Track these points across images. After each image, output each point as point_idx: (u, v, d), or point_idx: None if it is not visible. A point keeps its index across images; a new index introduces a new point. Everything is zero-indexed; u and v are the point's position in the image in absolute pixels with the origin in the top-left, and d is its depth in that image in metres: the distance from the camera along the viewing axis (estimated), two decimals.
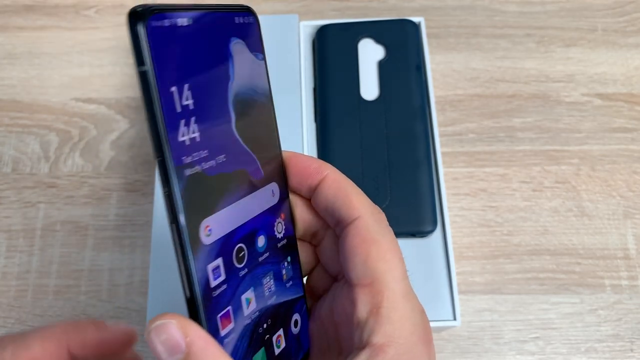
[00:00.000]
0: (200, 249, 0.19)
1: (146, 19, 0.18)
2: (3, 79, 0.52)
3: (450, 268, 0.39)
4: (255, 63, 0.22)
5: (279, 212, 0.23)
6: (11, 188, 0.48)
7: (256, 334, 0.22)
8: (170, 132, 0.18)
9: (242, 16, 0.22)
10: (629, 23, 0.54)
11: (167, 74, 0.18)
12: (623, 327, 0.44)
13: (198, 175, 0.19)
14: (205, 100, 0.20)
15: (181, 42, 0.19)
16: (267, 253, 0.23)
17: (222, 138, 0.20)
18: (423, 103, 0.43)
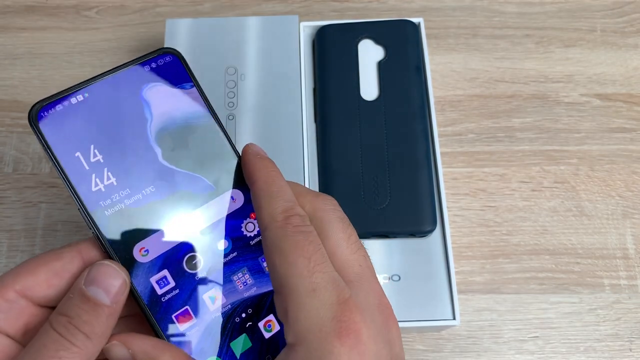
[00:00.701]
0: (137, 268, 0.24)
1: (35, 112, 0.24)
2: (4, 79, 0.52)
3: (450, 268, 0.39)
4: (181, 95, 0.26)
5: (246, 214, 0.26)
6: (12, 188, 0.48)
7: (232, 323, 0.25)
8: (79, 187, 0.24)
9: (157, 60, 0.26)
10: (628, 24, 0.54)
11: (67, 146, 0.24)
12: (622, 327, 0.44)
13: (122, 211, 0.24)
14: (117, 150, 0.25)
15: (79, 114, 0.24)
16: (235, 253, 0.26)
17: (147, 172, 0.25)
18: (423, 103, 0.43)
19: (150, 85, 0.25)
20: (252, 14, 0.54)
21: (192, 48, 0.45)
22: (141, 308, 0.24)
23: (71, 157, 0.24)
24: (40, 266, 0.24)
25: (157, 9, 0.55)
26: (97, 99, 0.25)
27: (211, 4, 0.55)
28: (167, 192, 0.25)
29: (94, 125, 0.24)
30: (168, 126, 0.26)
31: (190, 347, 0.25)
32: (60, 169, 0.24)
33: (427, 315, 0.38)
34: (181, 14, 0.55)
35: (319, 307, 0.21)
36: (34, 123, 0.24)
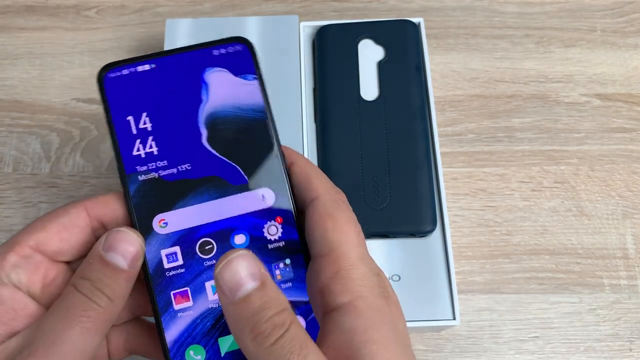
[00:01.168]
0: (152, 237, 0.25)
1: (102, 73, 0.26)
2: (4, 79, 0.52)
3: (450, 268, 0.39)
4: (241, 84, 0.26)
5: (272, 216, 0.26)
6: (12, 188, 0.48)
7: (225, 320, 0.24)
8: (123, 148, 0.25)
9: (227, 47, 0.26)
10: (628, 24, 0.54)
11: (122, 108, 0.25)
12: (622, 327, 0.44)
13: (154, 180, 0.25)
14: (166, 123, 0.26)
15: (141, 82, 0.26)
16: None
17: (188, 150, 0.26)
18: (423, 103, 0.43)
19: (213, 69, 0.26)
20: (252, 14, 0.54)
21: None
22: (145, 275, 0.25)
23: (123, 119, 0.25)
24: (49, 222, 0.25)
25: (157, 9, 0.55)
26: (161, 72, 0.26)
27: (211, 4, 0.55)
28: (200, 174, 0.26)
29: (151, 95, 0.26)
30: (220, 111, 0.26)
31: (179, 328, 0.25)
32: (111, 127, 0.25)
33: (427, 315, 0.38)
34: (181, 14, 0.55)
35: (367, 272, 0.23)
36: (100, 80, 0.25)
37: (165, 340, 0.25)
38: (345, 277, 0.22)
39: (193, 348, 0.25)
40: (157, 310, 0.25)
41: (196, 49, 0.26)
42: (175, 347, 0.25)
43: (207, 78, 0.26)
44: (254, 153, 0.26)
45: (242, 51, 0.26)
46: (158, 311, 0.25)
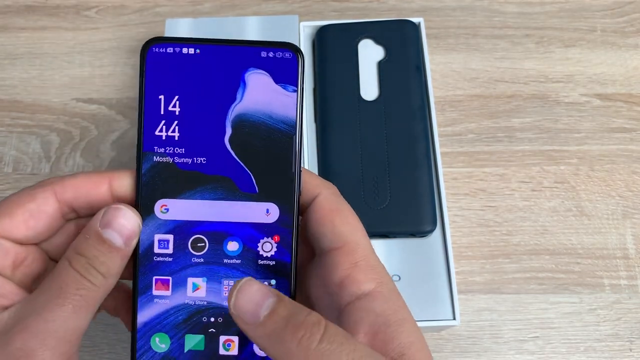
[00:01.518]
0: (151, 219, 0.25)
1: (148, 45, 0.25)
2: (4, 79, 0.52)
3: (450, 268, 0.39)
4: (279, 94, 0.26)
5: (271, 233, 0.26)
6: (12, 188, 0.48)
7: (197, 319, 0.25)
8: (147, 125, 0.25)
9: (276, 51, 0.26)
10: (628, 24, 0.54)
11: (157, 85, 0.25)
12: (622, 327, 0.44)
13: (167, 164, 0.25)
14: (194, 112, 0.25)
15: (182, 65, 0.25)
16: (239, 261, 0.26)
17: (208, 145, 0.25)
18: (423, 103, 0.43)
19: (256, 70, 0.26)
20: (252, 14, 0.54)
21: None
22: (133, 255, 0.25)
23: (155, 96, 0.25)
24: (15, 208, 0.24)
25: (157, 9, 0.55)
26: (204, 59, 0.25)
27: (211, 4, 0.55)
28: (214, 171, 0.26)
29: (188, 80, 0.25)
30: (250, 115, 0.26)
31: (151, 313, 0.25)
32: (141, 101, 0.25)
33: (427, 315, 0.38)
34: (181, 14, 0.55)
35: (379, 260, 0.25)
36: (143, 52, 0.25)
37: (137, 319, 0.25)
38: (366, 266, 0.24)
39: (160, 336, 0.25)
40: (136, 290, 0.26)
41: (245, 45, 0.26)
42: (143, 329, 0.25)
43: (247, 78, 0.26)
44: (272, 165, 0.26)
45: (290, 60, 0.26)
46: (137, 291, 0.26)
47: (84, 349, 0.43)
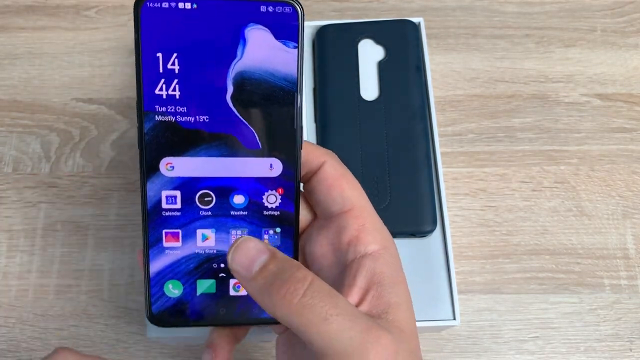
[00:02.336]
0: (157, 177, 0.26)
1: (141, 1, 0.24)
2: (4, 79, 0.52)
3: (450, 268, 0.39)
4: (280, 50, 0.25)
5: (275, 186, 0.27)
6: (12, 188, 0.48)
7: (208, 265, 0.27)
8: (146, 85, 0.25)
9: (276, 5, 0.25)
10: (628, 23, 0.54)
11: (154, 43, 0.24)
12: (622, 327, 0.44)
13: (169, 123, 0.25)
14: (195, 69, 0.25)
15: (178, 21, 0.24)
16: (245, 212, 0.27)
17: (210, 103, 0.25)
18: (423, 103, 0.43)
19: (256, 26, 0.25)
20: None
21: None
22: (142, 210, 0.26)
23: (153, 55, 0.25)
24: None
25: None
26: (202, 14, 0.25)
27: None
28: (216, 129, 0.26)
29: (186, 37, 0.25)
30: (251, 72, 0.25)
31: (163, 263, 0.27)
32: (138, 60, 0.25)
33: (427, 315, 0.38)
34: None
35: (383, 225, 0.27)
36: (136, 8, 0.24)
37: (149, 269, 0.27)
38: (373, 229, 0.26)
39: (172, 282, 0.27)
40: (147, 243, 0.26)
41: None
42: (156, 277, 0.27)
43: (247, 34, 0.25)
44: (274, 122, 0.26)
45: (289, 14, 0.25)
46: (148, 244, 0.26)
47: (84, 349, 0.43)
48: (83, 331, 0.44)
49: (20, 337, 0.44)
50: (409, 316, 0.25)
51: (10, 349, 0.43)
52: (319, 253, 0.28)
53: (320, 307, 0.21)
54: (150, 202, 0.26)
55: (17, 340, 0.44)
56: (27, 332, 0.44)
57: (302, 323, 0.21)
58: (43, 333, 0.44)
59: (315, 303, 0.21)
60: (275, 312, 0.22)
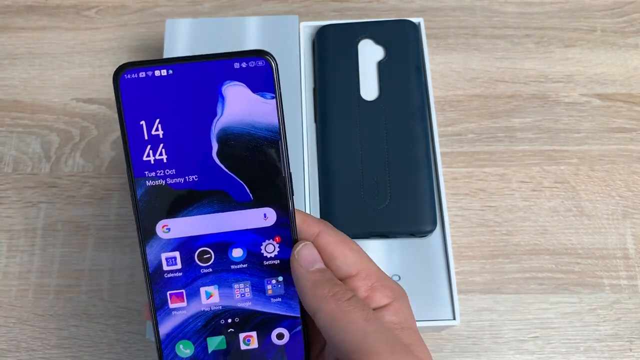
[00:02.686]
0: (155, 240, 0.26)
1: (119, 73, 0.25)
2: (4, 79, 0.52)
3: (450, 268, 0.39)
4: (258, 102, 0.26)
5: (272, 235, 0.27)
6: (12, 188, 0.48)
7: (216, 322, 0.27)
8: (133, 153, 0.26)
9: (248, 61, 0.26)
10: (628, 24, 0.54)
11: (136, 111, 0.25)
12: (622, 327, 0.44)
13: (160, 187, 0.26)
14: (178, 132, 0.26)
15: (157, 88, 0.25)
16: (245, 265, 0.27)
17: (197, 162, 0.26)
18: (423, 103, 0.43)
19: (232, 82, 0.26)
20: (252, 14, 0.54)
21: (192, 48, 0.45)
22: (145, 275, 0.27)
23: (136, 123, 0.26)
24: None
25: (157, 9, 0.55)
26: (179, 79, 0.26)
27: (211, 4, 0.55)
28: (206, 186, 0.26)
29: (166, 102, 0.26)
30: (233, 127, 0.26)
31: (172, 324, 0.27)
32: (124, 129, 0.26)
33: (427, 315, 0.38)
34: (181, 14, 0.55)
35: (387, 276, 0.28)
36: (115, 81, 0.25)
37: (159, 332, 0.27)
38: (382, 287, 0.27)
39: (183, 342, 0.27)
40: (153, 306, 0.27)
41: (217, 59, 0.26)
42: (167, 339, 0.27)
43: (224, 91, 0.26)
44: (262, 172, 0.27)
45: (263, 67, 0.26)
46: (154, 307, 0.27)
47: (84, 349, 0.43)
48: (83, 331, 0.44)
49: (20, 337, 0.44)
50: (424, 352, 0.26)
51: (10, 349, 0.43)
52: None
53: (362, 310, 0.24)
54: (152, 266, 0.27)
55: (17, 340, 0.44)
56: (27, 332, 0.44)
57: (345, 319, 0.24)
58: (43, 333, 0.44)
59: (359, 307, 0.24)
60: (321, 305, 0.25)
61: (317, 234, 0.27)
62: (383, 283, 0.27)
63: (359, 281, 0.27)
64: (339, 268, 0.27)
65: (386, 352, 0.23)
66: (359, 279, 0.27)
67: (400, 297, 0.27)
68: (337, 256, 0.27)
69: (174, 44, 0.45)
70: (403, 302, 0.27)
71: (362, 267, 0.27)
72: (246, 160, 0.26)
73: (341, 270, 0.27)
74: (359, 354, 0.23)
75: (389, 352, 0.23)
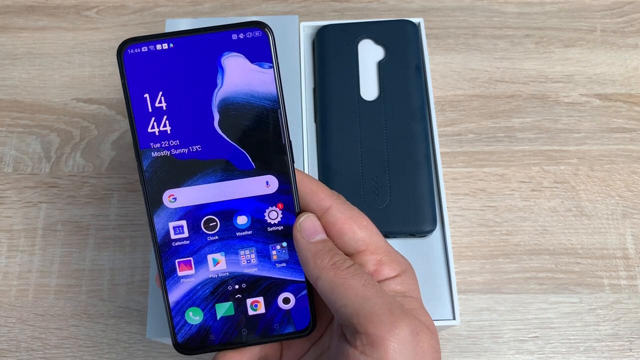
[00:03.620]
0: (162, 210, 0.27)
1: (123, 48, 0.26)
2: (4, 79, 0.52)
3: (450, 268, 0.39)
4: (257, 72, 0.27)
5: (274, 202, 0.28)
6: (12, 188, 0.48)
7: (224, 288, 0.28)
8: (139, 125, 0.27)
9: (246, 32, 0.27)
10: (628, 24, 0.54)
11: (140, 85, 0.26)
12: (622, 327, 0.44)
13: (166, 158, 0.27)
14: (181, 104, 0.27)
15: (159, 61, 0.26)
16: (250, 231, 0.28)
17: (200, 133, 0.27)
18: (422, 103, 0.43)
19: (230, 54, 0.27)
20: (252, 14, 0.54)
21: None
22: (153, 244, 0.28)
23: (140, 96, 0.26)
24: None
25: (157, 9, 0.55)
26: (179, 52, 0.26)
27: (211, 4, 0.55)
28: (210, 156, 0.27)
29: (168, 74, 0.26)
30: (233, 97, 0.27)
31: (181, 292, 0.28)
32: (128, 103, 0.26)
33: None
34: (181, 14, 0.55)
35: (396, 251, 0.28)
36: (119, 56, 0.26)
37: (169, 300, 0.28)
38: (390, 261, 0.27)
39: (192, 310, 0.28)
40: (162, 275, 0.28)
41: (215, 31, 0.27)
42: (177, 307, 0.28)
43: (223, 62, 0.27)
44: (263, 141, 0.27)
45: (260, 37, 0.27)
46: (163, 275, 0.28)
47: (84, 348, 0.43)
48: (83, 331, 0.44)
49: (21, 337, 0.44)
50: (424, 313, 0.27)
51: (10, 348, 0.43)
52: None
53: (361, 276, 0.25)
54: (160, 235, 0.28)
55: (17, 340, 0.44)
56: (27, 332, 0.44)
57: (344, 285, 0.25)
58: (43, 333, 0.44)
59: (358, 274, 0.25)
60: (321, 274, 0.25)
61: (328, 208, 0.28)
62: (391, 257, 0.27)
63: (367, 256, 0.27)
64: (348, 244, 0.27)
65: (385, 313, 0.24)
66: (367, 254, 0.27)
67: (407, 270, 0.28)
68: (345, 232, 0.27)
69: None
70: (409, 274, 0.28)
71: (370, 242, 0.27)
72: (247, 129, 0.27)
73: (350, 245, 0.27)
74: (358, 317, 0.24)
75: (388, 314, 0.24)
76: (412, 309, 0.26)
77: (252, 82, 0.27)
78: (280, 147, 0.27)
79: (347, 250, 0.27)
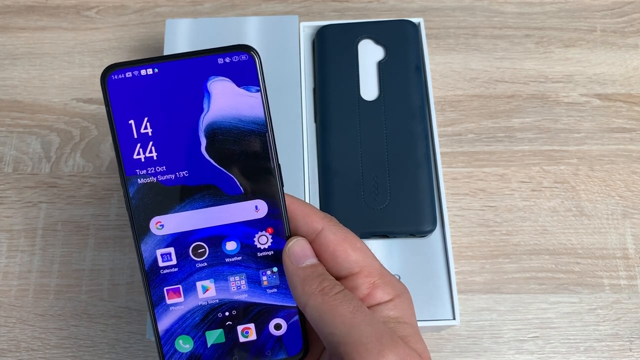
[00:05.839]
0: (149, 237, 0.27)
1: (106, 74, 0.26)
2: (4, 79, 0.52)
3: (450, 268, 0.39)
4: (244, 96, 0.26)
5: (264, 227, 0.27)
6: (12, 188, 0.48)
7: (214, 315, 0.27)
8: (124, 152, 0.26)
9: (232, 56, 0.26)
10: (628, 24, 0.54)
11: (125, 111, 0.26)
12: (622, 327, 0.44)
13: (152, 184, 0.26)
14: (167, 129, 0.26)
15: (144, 86, 0.26)
16: (240, 257, 0.27)
17: (187, 158, 0.26)
18: (422, 103, 0.43)
19: (216, 78, 0.26)
20: (252, 14, 0.54)
21: (192, 48, 0.45)
22: (141, 272, 0.27)
23: (125, 122, 0.26)
24: None
25: (157, 9, 0.55)
26: (164, 77, 0.26)
27: (211, 4, 0.55)
28: (197, 181, 0.27)
29: (153, 100, 0.26)
30: (220, 122, 0.27)
31: (170, 320, 0.27)
32: (113, 129, 0.26)
33: (427, 315, 0.38)
34: (181, 14, 0.55)
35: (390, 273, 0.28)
36: (103, 82, 0.26)
37: (158, 328, 0.27)
38: (383, 284, 0.27)
39: (182, 338, 0.27)
40: (151, 303, 0.27)
41: (201, 55, 0.26)
42: (166, 335, 0.27)
43: (209, 87, 0.26)
44: (251, 165, 0.27)
45: (246, 61, 0.26)
46: (152, 304, 0.27)
47: (84, 348, 0.43)
48: (83, 331, 0.44)
49: (21, 337, 0.44)
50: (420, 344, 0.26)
51: (10, 348, 0.43)
52: None
53: (350, 303, 0.24)
54: (147, 263, 0.27)
55: (17, 340, 0.44)
56: (27, 332, 0.44)
57: (331, 312, 0.24)
58: (43, 333, 0.44)
59: (346, 300, 0.25)
60: (309, 300, 0.25)
61: (320, 231, 0.27)
62: (385, 280, 0.27)
63: (361, 279, 0.27)
64: (341, 266, 0.27)
65: (372, 342, 0.23)
66: (361, 276, 0.27)
67: (402, 294, 0.27)
68: (339, 254, 0.27)
69: (174, 44, 0.45)
70: (404, 298, 0.27)
71: (364, 265, 0.27)
72: (235, 153, 0.27)
73: (343, 268, 0.27)
74: (346, 346, 0.23)
75: (375, 342, 0.23)
76: (405, 336, 0.25)
77: (239, 106, 0.27)
78: (269, 171, 0.27)
79: (341, 272, 0.27)
